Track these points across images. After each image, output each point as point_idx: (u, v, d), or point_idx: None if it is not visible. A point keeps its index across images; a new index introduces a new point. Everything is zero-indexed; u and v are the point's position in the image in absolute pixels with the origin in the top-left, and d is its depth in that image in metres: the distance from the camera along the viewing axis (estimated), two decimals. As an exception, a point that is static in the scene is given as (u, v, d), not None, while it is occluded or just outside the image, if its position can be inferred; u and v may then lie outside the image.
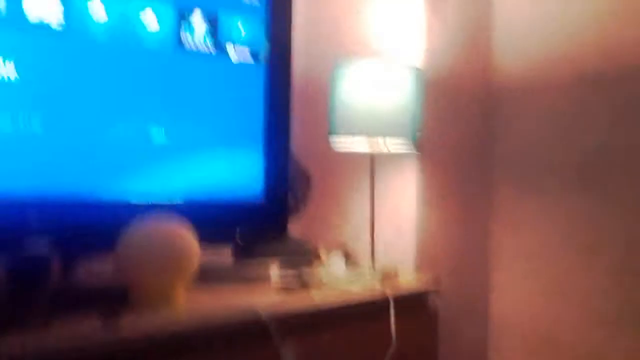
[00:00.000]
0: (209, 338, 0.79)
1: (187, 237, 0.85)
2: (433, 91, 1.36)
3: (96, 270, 1.05)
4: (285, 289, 0.99)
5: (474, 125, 1.48)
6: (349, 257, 1.22)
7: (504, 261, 1.55)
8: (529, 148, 1.47)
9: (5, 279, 0.66)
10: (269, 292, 0.96)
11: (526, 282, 1.49)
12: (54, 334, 0.67)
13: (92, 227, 0.90)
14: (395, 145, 1.23)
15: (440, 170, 1.42)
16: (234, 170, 1.09)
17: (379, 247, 1.36)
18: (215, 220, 1.03)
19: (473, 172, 1.50)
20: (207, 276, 1.01)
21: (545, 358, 1.45)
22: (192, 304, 0.86)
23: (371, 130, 1.17)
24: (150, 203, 0.97)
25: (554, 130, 1.42)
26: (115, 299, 0.83)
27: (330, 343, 0.94)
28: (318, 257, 1.17)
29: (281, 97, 1.13)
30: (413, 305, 1.10)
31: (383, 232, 1.38)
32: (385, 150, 1.25)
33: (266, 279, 1.04)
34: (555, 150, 1.41)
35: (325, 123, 1.25)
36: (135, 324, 0.73)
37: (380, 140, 1.21)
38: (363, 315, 1.00)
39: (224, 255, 1.12)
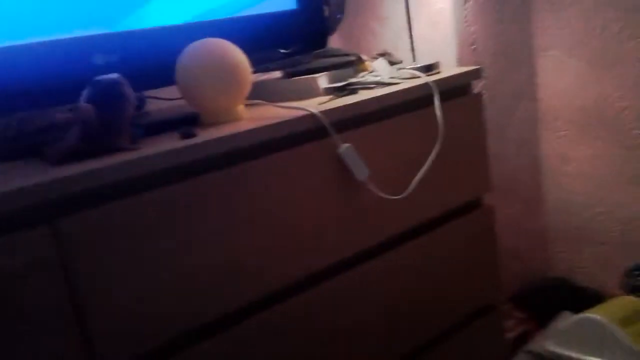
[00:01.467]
0: (272, 139, 0.89)
1: (238, 54, 0.92)
2: None
3: (164, 100, 1.16)
4: (335, 96, 1.06)
5: None
6: (392, 62, 1.26)
7: (547, 42, 1.55)
8: None
9: (92, 108, 0.76)
10: (319, 100, 1.04)
11: (571, 61, 1.50)
12: (144, 153, 0.77)
13: (148, 57, 0.98)
14: None
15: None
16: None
17: (418, 46, 1.39)
18: (254, 36, 1.09)
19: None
20: (259, 93, 1.09)
21: (597, 133, 1.51)
22: (252, 115, 0.96)
23: None
24: (193, 23, 1.02)
25: None
26: (186, 123, 0.94)
27: (383, 134, 1.02)
28: (362, 64, 1.22)
29: None
30: (457, 93, 1.15)
31: (422, 30, 1.40)
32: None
33: (315, 91, 1.11)
34: None
35: None
36: (209, 135, 0.83)
37: None
38: (410, 104, 1.07)
39: (273, 76, 1.20)
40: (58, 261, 0.70)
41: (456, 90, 1.16)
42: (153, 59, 1.00)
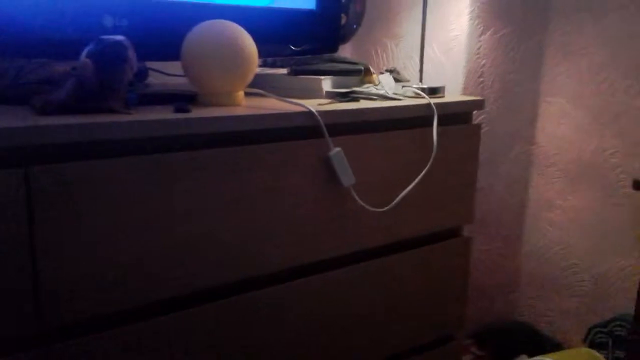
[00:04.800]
0: (265, 129, 0.89)
1: (247, 39, 0.92)
2: None
3: (166, 75, 1.15)
4: (336, 100, 1.06)
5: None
6: (398, 79, 1.26)
7: (554, 89, 1.56)
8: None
9: (91, 65, 0.75)
10: (319, 101, 1.04)
11: (574, 111, 1.51)
12: (133, 118, 0.77)
13: (158, 28, 0.98)
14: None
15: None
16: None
17: (427, 69, 1.40)
18: (267, 27, 1.09)
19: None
20: (262, 85, 1.09)
21: (587, 185, 1.52)
22: (250, 103, 0.96)
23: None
24: (209, 3, 1.02)
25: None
26: (183, 100, 0.94)
27: (376, 145, 1.02)
28: (369, 76, 1.22)
29: None
30: (456, 120, 1.16)
31: (433, 54, 1.41)
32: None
33: (317, 92, 1.11)
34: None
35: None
36: (204, 114, 0.83)
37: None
38: (408, 122, 1.07)
39: (278, 71, 1.20)
40: (24, 207, 0.69)
41: (456, 117, 1.16)
42: (162, 32, 0.99)
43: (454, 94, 1.31)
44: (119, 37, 0.79)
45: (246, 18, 1.05)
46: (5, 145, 0.67)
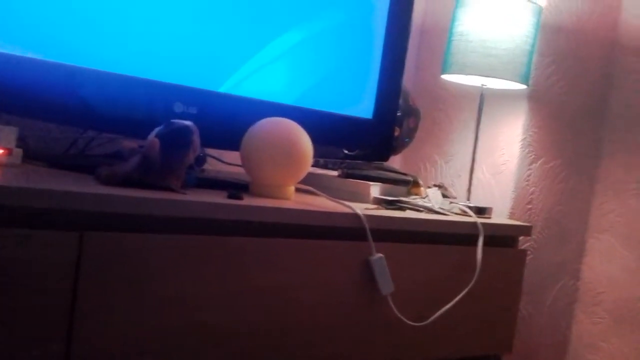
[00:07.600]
0: (311, 226, 0.90)
1: (305, 139, 0.96)
2: (553, 33, 1.36)
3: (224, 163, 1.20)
4: (383, 207, 1.08)
5: (591, 76, 1.46)
6: (445, 195, 1.27)
7: (603, 225, 1.53)
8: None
9: (158, 144, 0.79)
10: (366, 206, 1.05)
11: (623, 250, 1.48)
12: (189, 198, 0.80)
13: (223, 119, 1.04)
14: (506, 85, 1.27)
15: (549, 117, 1.42)
16: (349, 85, 1.18)
17: (475, 190, 1.41)
18: (325, 130, 1.13)
19: (584, 126, 1.49)
20: (312, 183, 1.12)
21: (634, 329, 1.44)
22: (300, 199, 0.98)
23: (483, 70, 1.20)
24: (276, 103, 1.08)
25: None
26: (236, 188, 0.97)
27: (418, 256, 1.02)
28: (417, 188, 1.24)
29: (401, 26, 1.20)
30: (502, 242, 1.15)
31: (482, 175, 1.43)
32: (495, 87, 1.29)
33: (365, 197, 1.13)
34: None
35: (441, 63, 1.30)
36: (254, 203, 0.85)
37: (491, 80, 1.24)
38: (452, 238, 1.07)
39: (329, 172, 1.23)
40: (73, 269, 0.71)
41: (502, 240, 1.15)
42: (226, 123, 1.05)
43: (500, 217, 1.30)
44: (188, 122, 0.84)
45: (307, 119, 1.10)
46: (66, 208, 0.70)
